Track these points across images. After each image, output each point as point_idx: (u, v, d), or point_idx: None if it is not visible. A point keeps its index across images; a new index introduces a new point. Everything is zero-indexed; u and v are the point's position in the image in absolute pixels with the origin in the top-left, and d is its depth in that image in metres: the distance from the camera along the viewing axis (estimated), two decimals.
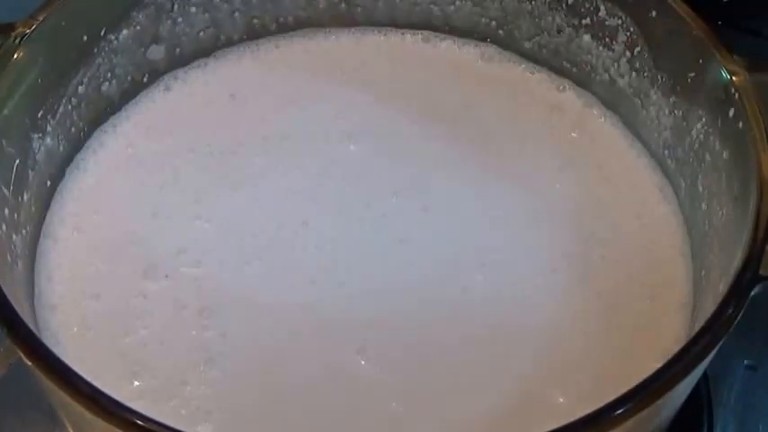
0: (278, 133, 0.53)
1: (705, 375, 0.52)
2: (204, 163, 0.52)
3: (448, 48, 0.58)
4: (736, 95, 0.43)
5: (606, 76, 0.54)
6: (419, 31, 0.58)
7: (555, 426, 0.34)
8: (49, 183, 0.49)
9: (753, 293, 0.38)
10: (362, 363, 0.44)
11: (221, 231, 0.49)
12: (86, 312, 0.46)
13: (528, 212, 0.50)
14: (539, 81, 0.56)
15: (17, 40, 0.44)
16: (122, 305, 0.46)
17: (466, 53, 0.57)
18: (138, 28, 0.52)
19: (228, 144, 0.52)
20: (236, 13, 0.56)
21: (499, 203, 0.50)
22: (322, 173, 0.51)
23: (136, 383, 0.43)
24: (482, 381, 0.44)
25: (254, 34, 0.57)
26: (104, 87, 0.52)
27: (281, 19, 0.57)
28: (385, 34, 0.58)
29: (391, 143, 0.53)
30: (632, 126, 0.53)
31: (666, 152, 0.51)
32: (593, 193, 0.51)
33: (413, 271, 0.47)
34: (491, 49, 0.57)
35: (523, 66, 0.56)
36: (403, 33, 0.58)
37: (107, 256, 0.48)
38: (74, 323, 0.45)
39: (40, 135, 0.48)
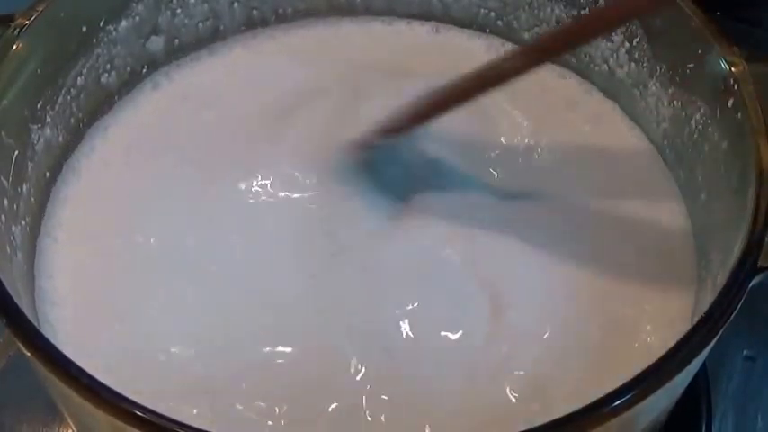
0: (279, 125, 0.53)
1: (704, 366, 0.52)
2: (204, 157, 0.51)
3: (452, 38, 0.58)
4: (735, 86, 0.43)
5: (605, 66, 0.54)
6: (423, 22, 0.58)
7: (553, 417, 0.34)
8: (47, 174, 0.49)
9: (752, 284, 0.38)
10: (355, 359, 0.44)
11: (220, 227, 0.48)
12: (86, 308, 0.45)
13: (529, 197, 0.50)
14: (538, 71, 0.56)
15: (16, 31, 0.45)
16: (121, 301, 0.46)
17: (470, 44, 0.57)
18: (138, 19, 0.52)
19: (228, 138, 0.52)
20: (235, 4, 0.56)
21: (501, 189, 0.50)
22: (323, 166, 0.51)
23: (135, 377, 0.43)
24: (481, 371, 0.43)
25: (252, 25, 0.57)
26: (103, 79, 0.52)
27: (280, 10, 0.58)
28: (390, 24, 0.58)
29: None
30: (631, 116, 0.53)
31: (665, 142, 0.51)
32: (592, 182, 0.51)
33: (411, 267, 0.47)
34: (495, 41, 0.57)
35: None
36: (409, 22, 0.58)
37: (106, 253, 0.47)
38: (73, 319, 0.45)
39: (39, 126, 0.48)
